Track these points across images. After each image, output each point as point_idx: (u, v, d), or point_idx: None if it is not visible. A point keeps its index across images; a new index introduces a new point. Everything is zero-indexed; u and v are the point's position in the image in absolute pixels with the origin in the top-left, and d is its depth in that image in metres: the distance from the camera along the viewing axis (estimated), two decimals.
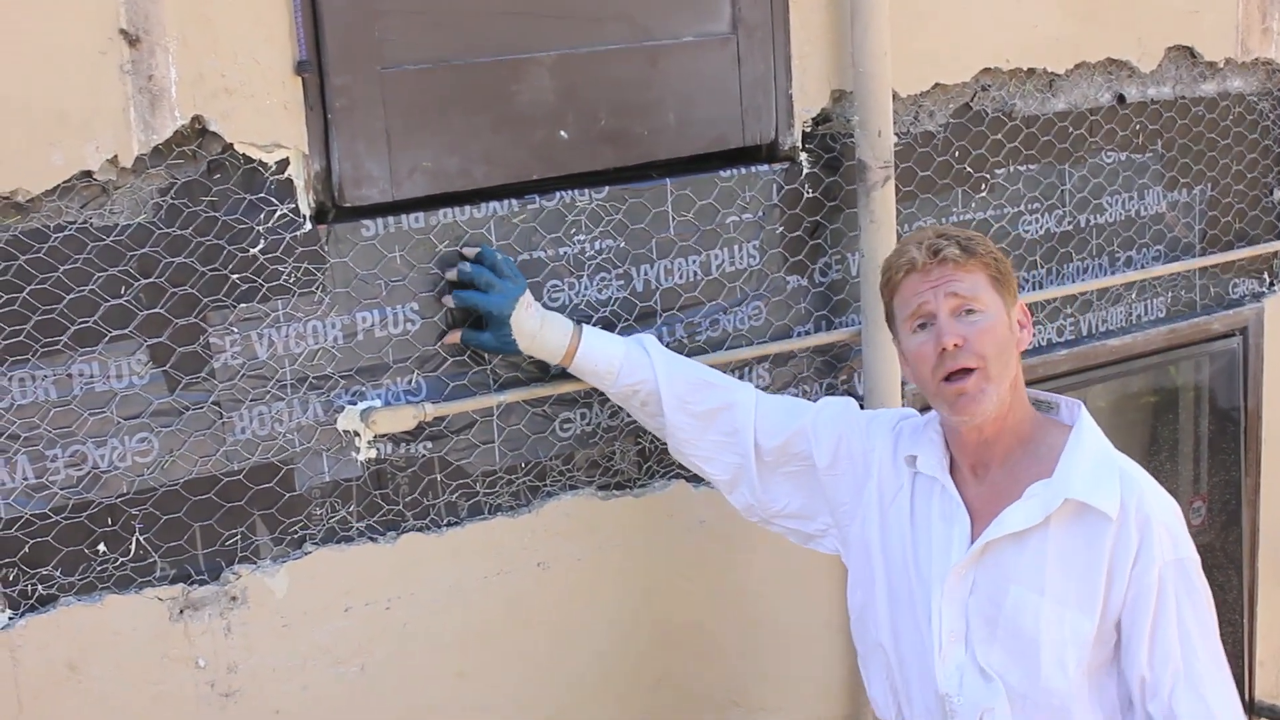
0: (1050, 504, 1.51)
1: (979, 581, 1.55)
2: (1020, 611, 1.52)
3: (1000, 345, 1.54)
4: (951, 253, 1.54)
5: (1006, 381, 1.55)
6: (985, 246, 1.57)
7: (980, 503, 1.58)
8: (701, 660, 2.05)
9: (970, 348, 1.52)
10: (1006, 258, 1.60)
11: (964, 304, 1.54)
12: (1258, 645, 2.75)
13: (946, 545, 1.58)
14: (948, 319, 1.53)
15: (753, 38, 1.96)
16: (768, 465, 1.77)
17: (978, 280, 1.55)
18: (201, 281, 1.63)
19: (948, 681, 1.57)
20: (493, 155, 1.78)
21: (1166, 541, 1.50)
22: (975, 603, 1.55)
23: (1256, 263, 2.62)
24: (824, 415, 1.76)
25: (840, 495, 1.72)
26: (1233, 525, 2.68)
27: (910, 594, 1.61)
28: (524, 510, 1.88)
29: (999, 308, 1.55)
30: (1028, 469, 1.56)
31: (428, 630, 1.81)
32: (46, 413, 1.56)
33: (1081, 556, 1.51)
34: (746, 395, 1.80)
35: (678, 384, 1.78)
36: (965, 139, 2.21)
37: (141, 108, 1.56)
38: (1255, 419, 2.65)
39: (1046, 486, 1.53)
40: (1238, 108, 2.51)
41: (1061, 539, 1.52)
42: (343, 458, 1.74)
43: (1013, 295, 1.59)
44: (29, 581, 1.58)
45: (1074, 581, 1.51)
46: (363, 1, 1.67)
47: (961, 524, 1.57)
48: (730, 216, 1.99)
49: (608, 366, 1.77)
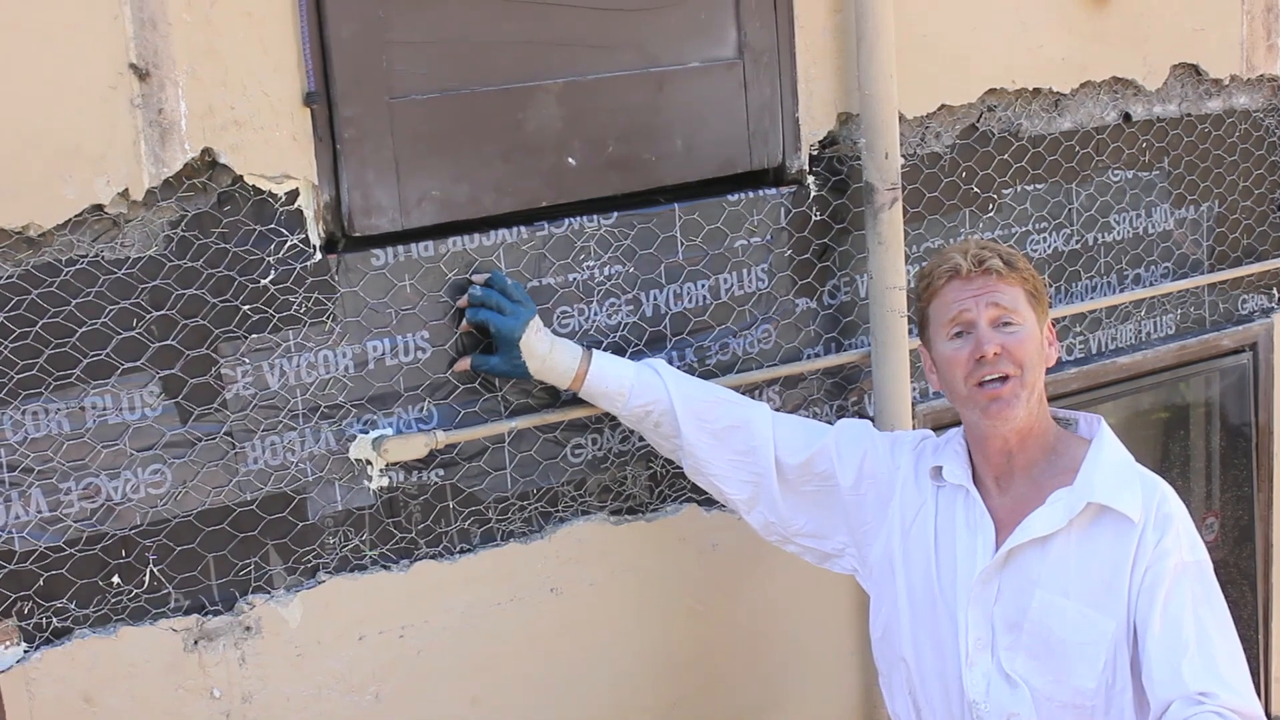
0: (1074, 508, 1.55)
1: (1004, 589, 1.58)
2: (1046, 614, 1.55)
3: (1034, 357, 1.59)
4: (995, 264, 1.60)
5: (1037, 393, 1.60)
6: (1024, 263, 1.63)
7: (1004, 512, 1.61)
8: (716, 684, 2.05)
9: (1009, 356, 1.58)
10: (1040, 277, 1.67)
11: (1004, 315, 1.59)
12: (1273, 661, 2.74)
13: (971, 553, 1.61)
14: (987, 328, 1.59)
15: (759, 63, 1.97)
16: (789, 483, 1.78)
17: (1017, 294, 1.60)
18: (213, 313, 1.64)
19: (974, 688, 1.59)
20: (501, 183, 1.80)
21: (1185, 542, 1.54)
22: (1000, 610, 1.58)
23: (1265, 278, 2.62)
24: (845, 436, 1.78)
25: (864, 515, 1.74)
26: (1245, 541, 2.68)
27: (933, 605, 1.63)
28: (536, 536, 1.88)
29: (1034, 322, 1.61)
30: (1050, 479, 1.59)
31: (441, 657, 1.82)
32: (60, 445, 1.57)
33: (1105, 559, 1.54)
34: (762, 413, 1.81)
35: (693, 401, 1.79)
36: (972, 160, 2.21)
37: (152, 141, 1.57)
38: (1266, 434, 2.65)
39: (1069, 493, 1.57)
40: (1244, 124, 2.52)
41: (1085, 542, 1.55)
42: (355, 486, 1.75)
43: (1045, 312, 1.64)
44: (44, 614, 1.59)
45: (1098, 584, 1.54)
46: (370, 33, 1.68)
47: (986, 532, 1.61)
48: (739, 240, 2.00)
49: (619, 388, 1.78)
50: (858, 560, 1.77)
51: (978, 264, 1.59)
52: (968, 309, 1.59)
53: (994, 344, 1.57)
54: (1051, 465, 1.61)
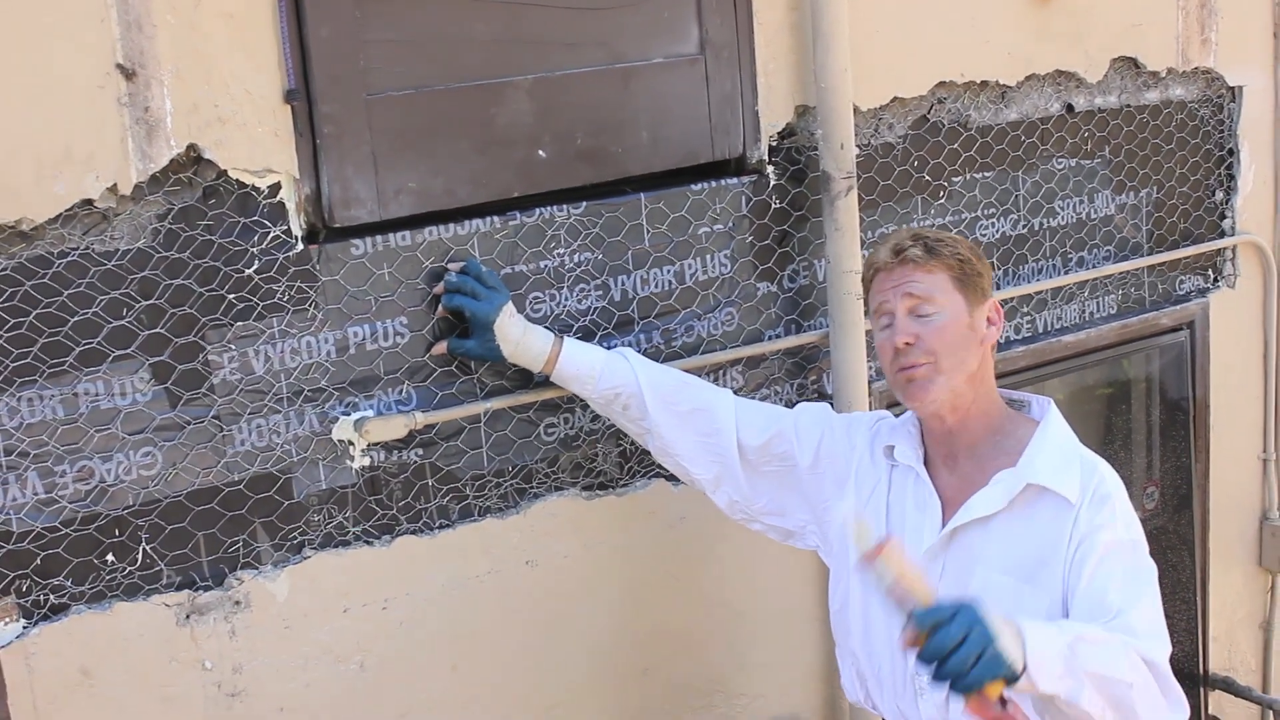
0: (1013, 488, 1.58)
1: (949, 566, 1.61)
2: (985, 591, 1.56)
3: (953, 342, 1.60)
4: (913, 253, 1.61)
5: (960, 375, 1.61)
6: (951, 248, 1.63)
7: (951, 491, 1.64)
8: (685, 651, 2.11)
9: (921, 345, 1.60)
10: (979, 259, 1.65)
11: (919, 304, 1.60)
12: (1210, 622, 2.86)
13: (919, 531, 1.64)
14: (903, 318, 1.61)
15: (720, 58, 2.03)
16: (751, 464, 1.82)
17: (937, 280, 1.61)
18: (199, 302, 1.68)
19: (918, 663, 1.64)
20: (475, 175, 1.85)
21: (1120, 520, 1.56)
22: (945, 586, 1.60)
23: (1201, 260, 2.70)
24: (804, 418, 1.82)
25: (823, 494, 1.78)
26: (1184, 509, 2.76)
27: None
28: (512, 511, 1.94)
29: (958, 307, 1.62)
30: (995, 460, 1.62)
31: (423, 628, 1.87)
32: (54, 430, 1.61)
33: (1042, 537, 1.56)
34: (725, 398, 1.86)
35: (660, 386, 1.83)
36: (923, 149, 2.28)
37: (139, 138, 1.61)
38: (1203, 408, 2.73)
39: (1012, 474, 1.59)
40: (1180, 114, 2.60)
41: (1024, 521, 1.57)
42: (338, 466, 1.80)
43: (979, 294, 1.64)
44: (41, 592, 1.63)
45: (1034, 561, 1.56)
46: (348, 32, 1.72)
47: (933, 511, 1.64)
48: (702, 228, 2.06)
49: (589, 371, 1.82)
50: (819, 537, 1.81)
51: (896, 254, 1.62)
52: (888, 300, 1.62)
53: (905, 335, 1.59)
54: (997, 446, 1.63)
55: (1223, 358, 2.75)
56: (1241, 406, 2.83)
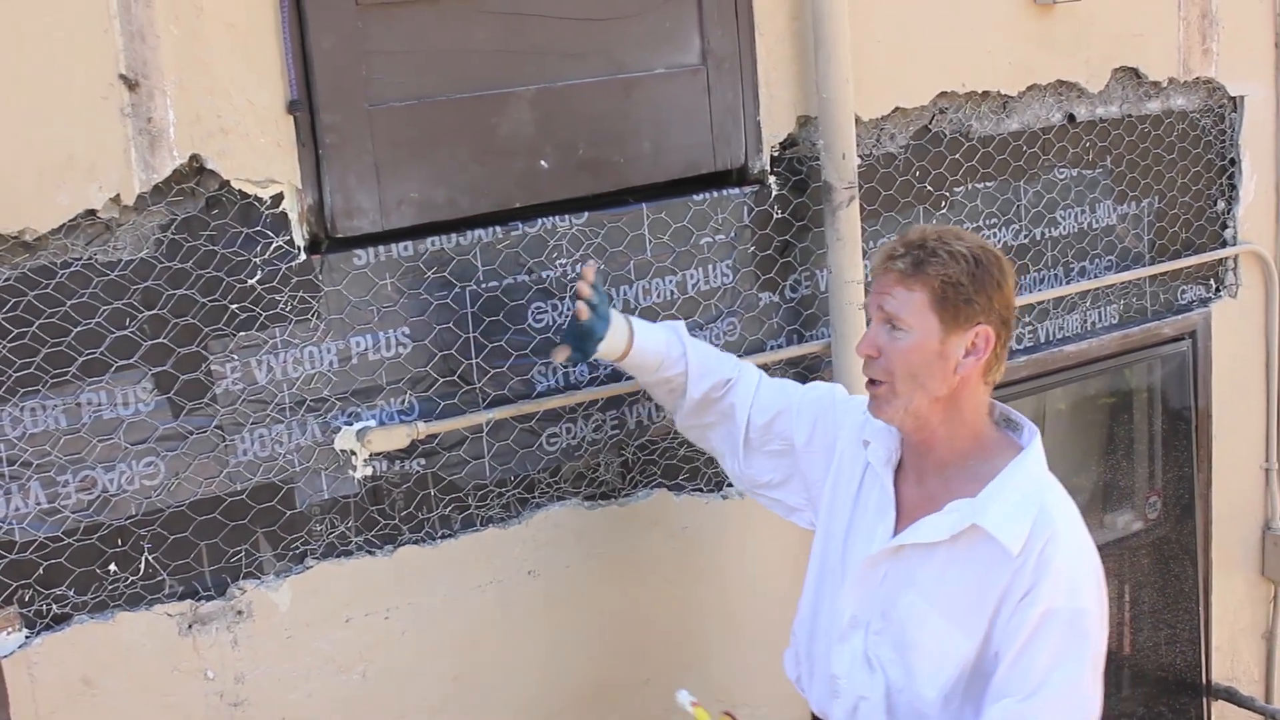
0: (957, 525, 1.51)
1: (889, 578, 1.58)
2: (909, 616, 1.54)
3: (915, 366, 1.52)
4: (899, 265, 1.52)
5: (921, 399, 1.53)
6: (941, 266, 1.51)
7: (912, 503, 1.60)
8: (686, 660, 2.12)
9: (882, 362, 1.54)
10: (981, 279, 1.51)
11: (890, 319, 1.53)
12: (1213, 631, 2.86)
13: (871, 536, 1.61)
14: (875, 327, 1.55)
15: (721, 69, 2.04)
16: (752, 442, 1.82)
17: (914, 299, 1.51)
18: (202, 312, 1.69)
19: (839, 663, 1.61)
20: (477, 185, 1.86)
21: (1062, 588, 1.47)
22: (882, 594, 1.57)
23: (1203, 270, 2.71)
24: (808, 397, 1.81)
25: (814, 474, 1.77)
26: (1186, 518, 2.76)
27: (834, 575, 1.66)
28: (514, 521, 1.94)
29: (930, 330, 1.51)
30: (961, 484, 1.55)
31: (425, 637, 1.88)
32: (57, 440, 1.62)
33: (977, 581, 1.51)
34: (750, 376, 1.84)
35: (705, 381, 1.82)
36: (925, 159, 2.29)
37: (142, 148, 1.62)
38: (1205, 418, 2.74)
39: (966, 505, 1.52)
40: (1181, 124, 2.61)
41: (964, 561, 1.52)
42: (340, 476, 1.81)
43: (963, 319, 1.51)
44: (44, 601, 1.64)
45: (964, 603, 1.52)
46: (350, 42, 1.74)
47: (888, 519, 1.59)
48: (704, 238, 2.07)
49: (654, 360, 1.81)
50: (815, 516, 1.79)
51: (886, 260, 1.54)
52: (869, 305, 1.57)
53: (869, 346, 1.54)
54: (966, 471, 1.55)
55: (1225, 367, 2.76)
56: (1243, 416, 2.83)
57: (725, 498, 2.13)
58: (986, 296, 1.53)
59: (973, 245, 1.55)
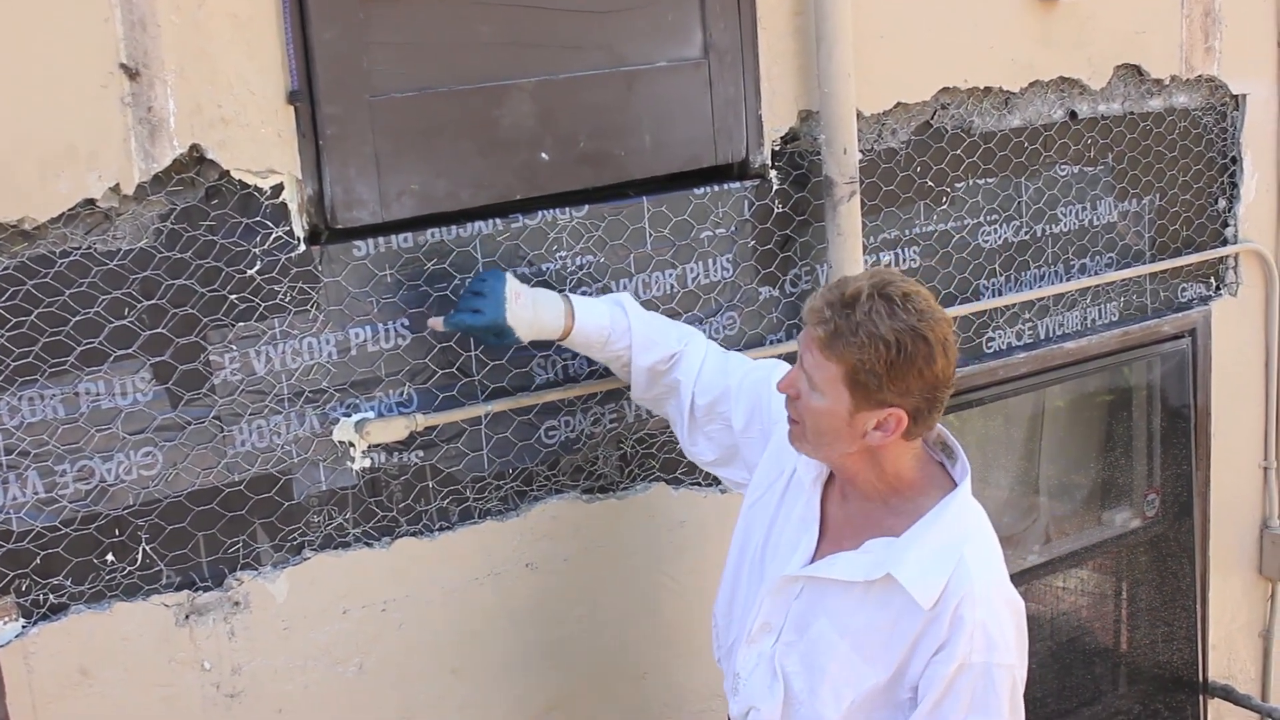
0: (873, 572, 1.50)
1: (803, 596, 1.57)
2: (818, 642, 1.54)
3: (823, 428, 1.50)
4: (818, 332, 1.47)
5: (832, 453, 1.53)
6: (855, 351, 1.44)
7: (836, 525, 1.59)
8: (685, 654, 2.12)
9: (796, 406, 1.53)
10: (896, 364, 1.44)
11: (808, 375, 1.51)
12: (1210, 629, 2.86)
13: (792, 550, 1.59)
14: (797, 371, 1.52)
15: (723, 62, 2.03)
16: (697, 421, 1.83)
17: (830, 369, 1.47)
18: (201, 302, 1.69)
19: (743, 664, 1.62)
20: (477, 177, 1.85)
21: (979, 643, 1.46)
22: (797, 608, 1.57)
23: (1203, 268, 2.72)
24: (749, 379, 1.80)
25: (753, 458, 1.77)
26: (1184, 516, 2.77)
27: (750, 576, 1.66)
28: (512, 514, 1.94)
29: (841, 401, 1.47)
30: (884, 519, 1.54)
31: (422, 630, 1.88)
32: (55, 430, 1.62)
33: (888, 625, 1.50)
34: (695, 352, 1.84)
35: (651, 354, 1.83)
36: (926, 155, 2.29)
37: (142, 138, 1.61)
38: (1204, 416, 2.74)
39: (885, 548, 1.51)
40: (1183, 122, 2.61)
41: (878, 604, 1.51)
42: (338, 467, 1.81)
43: (874, 401, 1.46)
44: (41, 591, 1.64)
45: (875, 641, 1.51)
46: (351, 33, 1.73)
47: (810, 535, 1.58)
48: (704, 232, 2.07)
49: (598, 338, 1.82)
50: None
51: (814, 315, 1.48)
52: (799, 342, 1.53)
53: (787, 385, 1.53)
54: (892, 507, 1.53)
55: (1224, 365, 2.76)
56: (1242, 414, 2.84)
57: (723, 492, 2.13)
58: (904, 384, 1.45)
59: (900, 327, 1.44)
